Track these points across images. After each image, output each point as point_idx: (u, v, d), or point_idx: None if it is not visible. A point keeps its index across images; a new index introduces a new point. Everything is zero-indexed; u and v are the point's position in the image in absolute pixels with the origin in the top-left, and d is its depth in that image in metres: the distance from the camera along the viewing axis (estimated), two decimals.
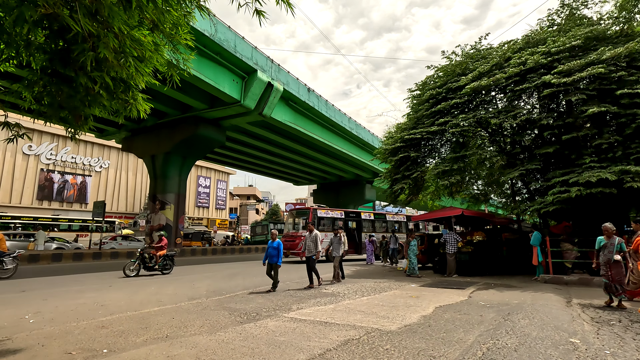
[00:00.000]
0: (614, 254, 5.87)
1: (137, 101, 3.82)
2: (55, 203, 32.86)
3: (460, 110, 11.32)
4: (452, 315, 5.23)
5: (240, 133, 24.22)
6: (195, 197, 45.57)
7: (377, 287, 8.43)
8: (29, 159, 31.56)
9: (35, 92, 3.60)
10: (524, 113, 10.08)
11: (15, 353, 3.59)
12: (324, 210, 17.70)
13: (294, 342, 3.87)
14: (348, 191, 37.75)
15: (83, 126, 4.01)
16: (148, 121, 21.18)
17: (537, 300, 6.52)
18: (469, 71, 11.30)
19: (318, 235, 8.38)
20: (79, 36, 2.80)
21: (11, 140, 4.07)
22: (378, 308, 5.82)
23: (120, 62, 3.14)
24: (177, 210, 21.58)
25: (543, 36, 10.78)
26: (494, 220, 15.06)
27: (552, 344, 3.80)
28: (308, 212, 17.20)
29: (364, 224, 19.59)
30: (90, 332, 4.33)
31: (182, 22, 3.67)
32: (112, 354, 3.54)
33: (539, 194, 11.05)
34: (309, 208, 17.60)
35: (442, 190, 13.73)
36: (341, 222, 18.39)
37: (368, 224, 20.00)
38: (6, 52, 3.54)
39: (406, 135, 11.96)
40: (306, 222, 15.96)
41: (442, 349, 3.65)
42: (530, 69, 9.76)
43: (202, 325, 4.66)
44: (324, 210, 17.65)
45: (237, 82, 18.18)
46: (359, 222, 19.47)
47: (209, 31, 15.26)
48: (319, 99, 23.50)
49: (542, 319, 4.94)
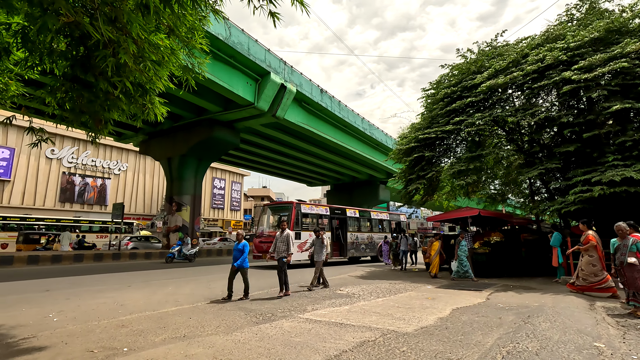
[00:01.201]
0: (627, 255, 5.36)
1: (154, 105, 3.90)
2: (77, 205, 33.87)
3: (476, 108, 11.13)
4: (469, 318, 5.14)
5: (254, 135, 24.44)
6: (210, 199, 46.20)
7: (392, 288, 8.36)
8: (51, 162, 32.64)
9: (58, 97, 3.72)
10: (543, 111, 9.83)
11: (41, 350, 3.71)
12: (308, 206, 15.07)
13: (309, 343, 3.87)
14: (362, 192, 37.60)
15: (103, 130, 4.12)
16: (164, 124, 21.62)
17: (558, 302, 6.34)
18: (485, 69, 11.09)
19: (291, 235, 7.56)
20: (100, 43, 2.88)
21: (35, 145, 4.21)
22: (394, 309, 5.76)
23: (139, 67, 3.21)
24: (193, 211, 21.92)
25: (562, 31, 10.49)
26: (512, 221, 14.73)
27: (576, 348, 3.69)
28: (289, 207, 14.25)
29: (350, 222, 16.80)
30: (110, 331, 4.43)
31: (198, 26, 3.73)
32: (132, 352, 3.61)
33: (559, 194, 10.74)
34: (290, 203, 14.39)
35: (458, 190, 13.51)
36: (326, 220, 15.79)
37: (354, 222, 17.30)
38: (30, 60, 3.68)
39: (420, 134, 11.83)
40: (288, 219, 13.35)
41: (460, 351, 3.58)
42: (548, 66, 9.50)
43: (219, 325, 4.71)
44: (307, 206, 15.00)
45: (250, 84, 18.35)
46: (343, 220, 16.50)
47: (223, 35, 15.47)
48: (332, 100, 23.49)
49: (564, 322, 4.80)
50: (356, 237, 16.90)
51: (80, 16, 2.74)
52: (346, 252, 15.96)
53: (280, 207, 15.23)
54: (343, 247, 15.86)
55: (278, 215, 14.82)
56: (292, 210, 13.88)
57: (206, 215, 44.62)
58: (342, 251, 15.95)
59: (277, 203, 15.55)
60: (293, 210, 13.88)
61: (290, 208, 14.07)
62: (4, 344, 3.96)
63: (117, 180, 37.40)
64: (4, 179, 29.39)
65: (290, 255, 7.35)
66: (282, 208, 14.90)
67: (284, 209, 14.57)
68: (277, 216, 15.00)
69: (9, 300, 6.79)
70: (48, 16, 2.64)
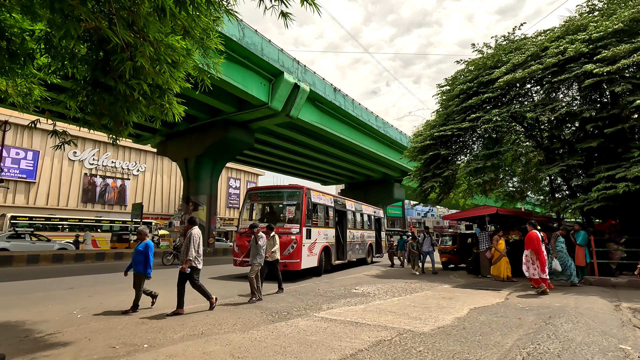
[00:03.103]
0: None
1: (172, 105, 3.98)
2: (98, 205, 34.88)
3: (493, 104, 10.89)
4: (488, 318, 5.04)
5: (268, 135, 24.60)
6: (226, 198, 46.78)
7: (408, 287, 8.28)
8: (74, 164, 33.71)
9: (79, 101, 3.84)
10: (563, 106, 9.53)
11: (65, 346, 3.84)
12: (317, 194, 11.17)
13: (325, 341, 3.88)
14: (376, 190, 37.38)
15: (123, 131, 4.23)
16: (181, 126, 22.02)
17: (581, 303, 6.15)
18: (502, 63, 10.83)
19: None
20: (118, 46, 2.95)
21: (59, 147, 4.36)
22: (410, 309, 5.71)
23: (156, 69, 3.28)
24: (209, 211, 22.26)
25: (583, 22, 10.13)
26: (531, 219, 14.36)
27: (600, 350, 3.57)
28: (297, 193, 10.19)
29: (349, 217, 13.80)
30: (131, 328, 4.55)
31: (212, 27, 3.78)
32: (152, 349, 3.70)
33: (581, 191, 10.41)
34: (298, 187, 10.35)
35: (475, 188, 13.26)
36: (332, 214, 12.05)
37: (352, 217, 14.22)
38: (53, 65, 3.80)
39: (436, 132, 11.66)
40: (296, 211, 9.98)
41: (479, 352, 3.52)
42: (569, 59, 9.20)
43: (235, 323, 4.77)
44: (317, 193, 11.13)
45: (264, 84, 18.48)
46: (343, 213, 13.26)
47: (236, 36, 15.63)
48: (345, 98, 23.42)
49: (588, 324, 4.65)
50: (352, 236, 13.87)
51: (99, 21, 2.82)
52: (346, 253, 12.94)
53: (282, 193, 10.84)
54: (343, 247, 12.77)
55: (279, 205, 11.14)
56: (303, 198, 9.95)
57: (222, 215, 45.21)
58: (340, 253, 12.71)
59: (276, 187, 11.19)
60: (304, 198, 9.95)
61: (298, 195, 10.10)
62: (32, 339, 4.12)
63: (136, 181, 38.32)
64: (29, 180, 30.53)
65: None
66: (284, 195, 10.74)
67: (288, 196, 10.57)
68: (277, 205, 11.30)
69: (36, 297, 7.06)
70: (71, 22, 2.72)
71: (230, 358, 3.38)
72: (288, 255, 9.20)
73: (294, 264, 9.30)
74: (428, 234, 12.25)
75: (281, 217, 10.72)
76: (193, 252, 5.43)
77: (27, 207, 29.65)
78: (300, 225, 9.54)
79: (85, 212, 33.07)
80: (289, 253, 9.23)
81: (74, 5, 2.55)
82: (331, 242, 11.57)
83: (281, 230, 9.40)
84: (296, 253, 9.30)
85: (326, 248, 10.99)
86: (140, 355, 3.48)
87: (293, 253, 9.30)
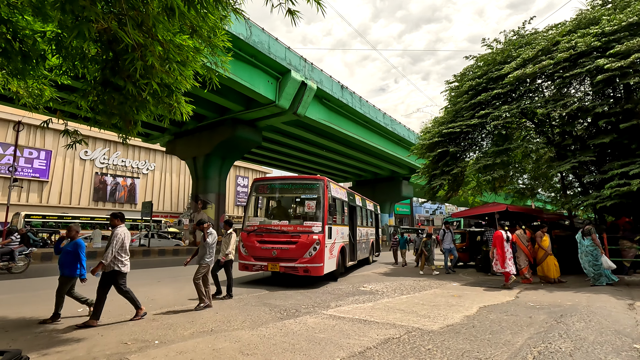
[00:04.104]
0: None
1: (180, 104, 4.01)
2: (109, 204, 35.42)
3: (503, 100, 10.74)
4: (498, 316, 4.99)
5: (276, 133, 24.66)
6: (234, 196, 47.09)
7: (416, 285, 8.24)
8: (85, 163, 34.26)
9: (90, 101, 3.90)
10: (575, 101, 9.35)
11: (79, 341, 3.91)
12: (335, 186, 9.84)
13: (333, 339, 3.88)
14: (384, 188, 37.23)
15: (132, 131, 4.28)
16: (189, 124, 22.21)
17: (593, 302, 6.05)
18: (512, 59, 10.67)
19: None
20: (129, 46, 2.98)
21: (71, 146, 4.43)
22: (418, 307, 5.68)
23: (165, 69, 3.31)
24: (217, 209, 22.42)
25: (596, 15, 9.92)
26: (542, 216, 14.17)
27: (613, 350, 3.51)
28: (316, 185, 8.77)
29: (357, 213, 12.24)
30: (142, 325, 4.62)
31: (219, 26, 3.80)
32: (163, 345, 3.75)
33: (593, 188, 10.22)
34: (318, 179, 8.89)
35: (484, 185, 13.12)
36: (346, 210, 10.67)
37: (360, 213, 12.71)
38: (65, 65, 3.86)
39: (444, 129, 11.55)
40: (317, 206, 8.47)
41: (489, 350, 3.49)
42: (581, 53, 9.02)
43: (244, 320, 4.81)
44: (335, 186, 9.73)
45: (271, 82, 18.51)
46: (353, 209, 11.61)
47: (243, 34, 15.67)
48: (353, 96, 23.34)
49: (600, 322, 4.57)
50: (360, 233, 12.50)
51: (110, 22, 2.85)
52: (356, 253, 11.80)
53: (299, 185, 9.36)
54: (353, 246, 11.45)
55: (295, 198, 9.78)
56: (324, 191, 8.57)
57: (230, 213, 45.54)
58: (352, 253, 11.30)
59: (291, 178, 9.60)
60: (325, 191, 8.56)
61: (319, 188, 8.69)
62: (46, 335, 4.21)
63: (145, 179, 38.80)
64: (42, 179, 31.12)
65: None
66: (302, 187, 9.31)
67: (306, 189, 9.19)
68: (291, 199, 9.91)
69: (49, 294, 7.18)
70: (84, 23, 2.75)
71: (239, 355, 3.41)
72: (309, 259, 7.86)
73: (316, 269, 7.87)
74: (449, 229, 11.12)
75: (296, 214, 9.50)
76: (109, 255, 4.65)
77: (40, 206, 30.24)
78: (323, 223, 8.17)
79: (97, 210, 33.61)
80: (310, 256, 7.87)
81: (85, 6, 2.58)
82: (346, 241, 10.25)
83: (300, 228, 8.21)
84: (319, 256, 7.88)
85: (342, 249, 9.70)
86: (151, 351, 3.54)
87: (316, 256, 7.85)
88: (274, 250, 8.15)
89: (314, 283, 8.51)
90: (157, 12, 2.89)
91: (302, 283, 8.57)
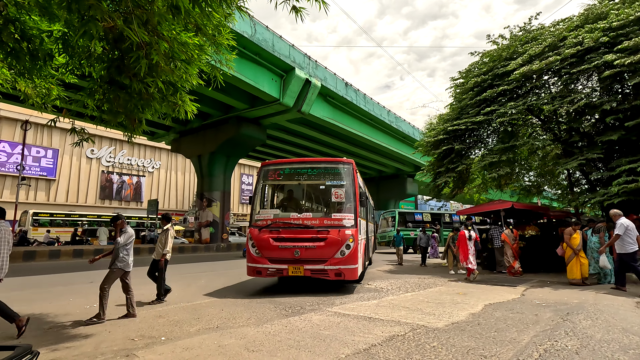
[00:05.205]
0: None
1: (185, 102, 4.03)
2: (115, 202, 35.74)
3: (509, 97, 10.64)
4: (503, 314, 4.97)
5: (280, 131, 24.69)
6: (239, 194, 47.26)
7: (421, 283, 8.23)
8: (91, 162, 34.56)
9: (96, 99, 3.93)
10: (583, 97, 9.24)
11: (87, 337, 3.97)
12: None
13: (338, 336, 3.90)
14: (388, 186, 37.17)
15: (137, 129, 4.31)
16: (194, 123, 22.30)
17: (600, 300, 6.00)
18: (518, 55, 10.56)
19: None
20: (134, 45, 3.00)
21: (78, 144, 4.48)
22: (423, 304, 5.68)
23: (170, 66, 3.33)
24: (222, 207, 22.55)
25: (604, 9, 9.77)
26: (548, 214, 14.06)
27: (620, 348, 3.48)
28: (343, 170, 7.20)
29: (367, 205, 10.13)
30: (149, 321, 4.67)
31: (223, 24, 3.81)
32: (169, 341, 3.79)
33: (601, 185, 10.10)
34: (346, 162, 7.32)
35: (490, 182, 13.03)
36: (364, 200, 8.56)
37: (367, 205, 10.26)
38: (71, 64, 3.89)
39: (449, 126, 11.48)
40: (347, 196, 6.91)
41: (494, 348, 3.48)
42: (589, 49, 8.90)
43: (250, 317, 4.84)
44: None
45: (275, 80, 18.52)
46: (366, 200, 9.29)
47: (248, 32, 15.69)
48: (357, 93, 23.29)
49: (608, 320, 4.53)
50: (369, 229, 10.69)
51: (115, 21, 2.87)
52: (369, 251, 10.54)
53: (321, 169, 7.39)
54: (368, 243, 10.07)
55: (318, 186, 7.75)
56: (354, 176, 7.15)
57: (235, 211, 45.71)
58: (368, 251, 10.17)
59: (310, 162, 7.72)
60: (354, 177, 7.17)
61: (347, 173, 7.17)
62: (54, 331, 4.27)
63: (151, 177, 39.07)
64: (50, 178, 31.45)
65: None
66: (325, 172, 7.36)
67: (331, 174, 7.28)
68: (312, 187, 7.95)
69: (58, 291, 7.30)
70: (91, 22, 2.77)
71: (245, 351, 3.43)
72: (342, 259, 6.41)
73: (351, 272, 6.48)
74: (471, 226, 10.10)
75: (318, 204, 7.94)
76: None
77: (48, 204, 30.58)
78: (355, 214, 6.79)
79: (103, 208, 33.93)
80: (343, 256, 6.41)
81: (91, 5, 2.60)
82: (366, 237, 8.81)
83: (328, 222, 6.69)
84: (353, 256, 6.50)
85: (366, 246, 8.56)
86: (158, 348, 3.57)
87: (350, 256, 6.44)
88: (296, 250, 6.53)
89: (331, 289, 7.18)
90: (162, 10, 2.90)
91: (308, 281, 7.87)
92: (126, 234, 5.02)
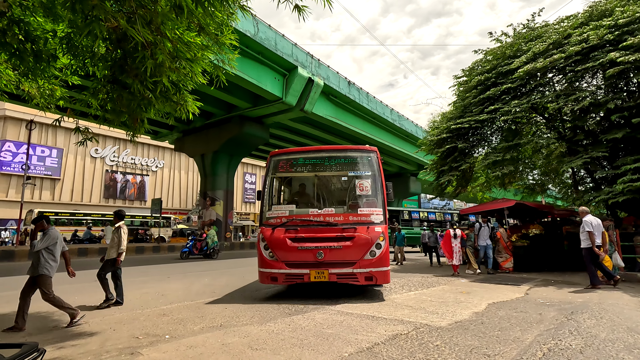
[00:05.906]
0: None
1: (187, 102, 4.04)
2: (119, 201, 35.96)
3: (512, 95, 10.59)
4: (507, 313, 4.96)
5: (283, 130, 24.72)
6: (242, 193, 47.38)
7: (424, 281, 8.22)
8: (95, 161, 34.77)
9: (99, 99, 3.95)
10: (587, 95, 9.17)
11: (92, 335, 4.00)
12: None
13: (341, 334, 3.90)
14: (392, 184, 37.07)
15: (140, 128, 4.33)
16: (197, 122, 22.37)
17: (605, 299, 5.97)
18: (522, 53, 10.50)
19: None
20: (138, 44, 3.01)
21: (82, 143, 4.50)
22: (426, 303, 5.67)
23: (175, 66, 3.34)
24: (226, 205, 22.62)
25: (609, 6, 9.69)
26: (552, 212, 13.99)
27: (625, 347, 3.46)
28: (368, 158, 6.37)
29: None
30: (153, 319, 4.70)
31: (226, 23, 3.81)
32: (173, 339, 3.81)
33: (606, 183, 10.04)
34: (367, 148, 6.50)
35: (493, 181, 12.98)
36: None
37: None
38: (75, 64, 3.91)
39: (452, 125, 11.44)
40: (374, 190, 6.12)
41: (497, 347, 3.47)
42: (593, 46, 8.83)
43: (253, 315, 4.85)
44: None
45: (278, 79, 18.53)
46: None
47: (250, 31, 15.69)
48: (360, 92, 23.24)
49: (612, 320, 4.51)
50: None
51: (119, 21, 2.88)
52: None
53: (341, 158, 6.47)
54: None
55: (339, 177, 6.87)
56: (378, 166, 6.35)
57: (238, 210, 45.84)
58: None
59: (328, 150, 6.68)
60: (379, 166, 6.37)
61: (371, 161, 6.36)
62: (60, 329, 4.31)
63: (154, 177, 39.26)
64: (54, 177, 31.68)
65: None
66: (346, 161, 6.45)
67: (353, 164, 6.42)
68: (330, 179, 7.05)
69: (64, 289, 7.34)
70: (95, 22, 2.78)
71: (248, 349, 3.45)
72: (373, 261, 5.62)
73: (382, 275, 5.70)
74: (486, 223, 9.68)
75: (340, 198, 6.79)
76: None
77: (53, 203, 30.82)
78: (384, 209, 5.99)
79: (108, 207, 34.14)
80: (373, 257, 5.62)
81: (95, 6, 2.61)
82: None
83: (354, 218, 5.86)
84: (385, 256, 5.74)
85: None
86: (162, 346, 3.60)
87: (381, 257, 5.67)
88: (319, 252, 5.61)
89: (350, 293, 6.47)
90: (165, 10, 2.91)
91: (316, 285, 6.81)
92: (48, 235, 4.49)
